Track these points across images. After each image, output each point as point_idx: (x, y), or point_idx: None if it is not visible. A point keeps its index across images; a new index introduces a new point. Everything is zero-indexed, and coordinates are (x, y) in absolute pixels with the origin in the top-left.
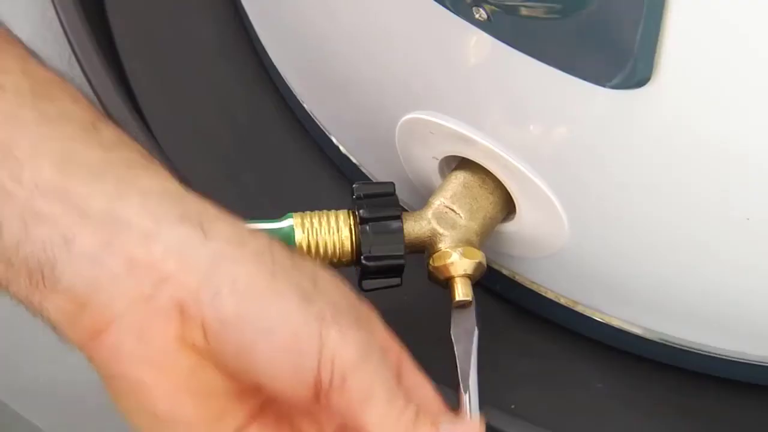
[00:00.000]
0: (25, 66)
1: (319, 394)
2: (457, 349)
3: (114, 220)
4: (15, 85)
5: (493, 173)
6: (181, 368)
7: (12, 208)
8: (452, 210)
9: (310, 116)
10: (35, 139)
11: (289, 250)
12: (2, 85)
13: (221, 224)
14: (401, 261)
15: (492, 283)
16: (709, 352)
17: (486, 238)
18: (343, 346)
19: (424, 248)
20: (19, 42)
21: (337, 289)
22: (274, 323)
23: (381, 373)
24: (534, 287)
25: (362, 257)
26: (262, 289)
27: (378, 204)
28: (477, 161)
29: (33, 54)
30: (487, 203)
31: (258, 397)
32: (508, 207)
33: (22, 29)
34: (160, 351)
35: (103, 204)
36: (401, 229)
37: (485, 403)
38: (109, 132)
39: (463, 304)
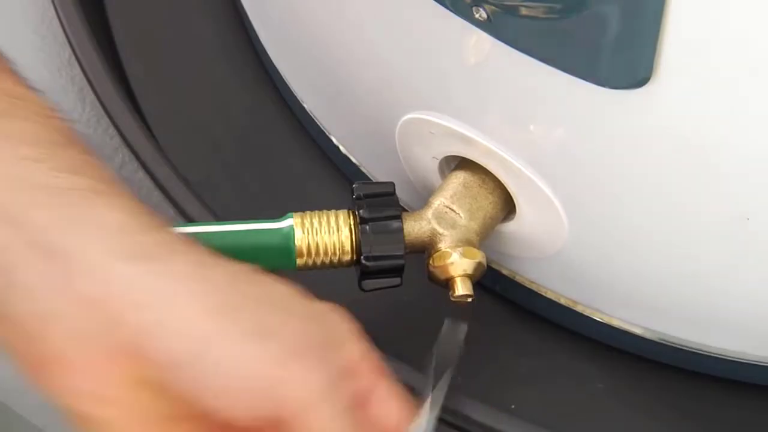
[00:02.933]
0: None
1: (277, 426)
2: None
3: (65, 254)
4: None
5: (493, 173)
6: (139, 404)
7: None
8: (452, 210)
9: (310, 116)
10: None
11: (256, 275)
12: None
13: (179, 258)
14: (401, 261)
15: (492, 283)
16: (709, 352)
17: (486, 238)
18: (302, 386)
19: (424, 248)
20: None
21: (307, 314)
22: (231, 365)
23: (338, 413)
24: (534, 287)
25: (362, 257)
26: (218, 330)
27: (378, 204)
28: (477, 161)
29: (12, 68)
30: (487, 203)
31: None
32: (508, 207)
33: (22, 29)
34: (115, 389)
35: (56, 236)
36: (401, 229)
37: (485, 403)
38: (72, 155)
39: (464, 298)
